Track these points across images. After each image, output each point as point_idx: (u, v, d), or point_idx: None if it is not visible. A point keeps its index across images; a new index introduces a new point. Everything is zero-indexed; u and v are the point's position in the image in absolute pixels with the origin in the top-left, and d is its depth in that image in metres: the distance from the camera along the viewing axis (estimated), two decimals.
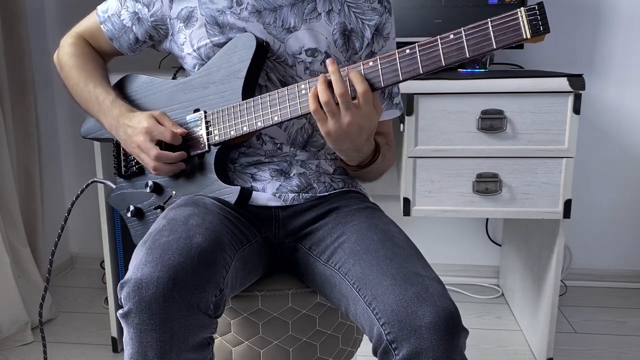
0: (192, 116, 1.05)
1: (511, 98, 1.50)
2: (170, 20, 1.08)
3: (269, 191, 1.07)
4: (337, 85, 0.88)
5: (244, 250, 0.97)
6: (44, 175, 2.18)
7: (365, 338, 0.94)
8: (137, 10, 1.09)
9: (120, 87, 1.15)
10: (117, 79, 1.16)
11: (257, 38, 1.00)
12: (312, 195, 1.09)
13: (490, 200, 1.56)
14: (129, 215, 1.11)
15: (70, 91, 1.15)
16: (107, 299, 1.83)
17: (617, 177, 2.17)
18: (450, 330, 0.80)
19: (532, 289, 1.81)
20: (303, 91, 0.94)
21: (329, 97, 0.89)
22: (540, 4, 0.79)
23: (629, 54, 2.06)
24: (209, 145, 1.03)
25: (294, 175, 1.09)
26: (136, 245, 0.90)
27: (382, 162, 1.07)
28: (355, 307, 0.90)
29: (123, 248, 1.74)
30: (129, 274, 0.82)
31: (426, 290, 0.84)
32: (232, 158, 1.09)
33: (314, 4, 1.05)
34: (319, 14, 1.06)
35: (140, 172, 1.12)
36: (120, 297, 0.82)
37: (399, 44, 1.08)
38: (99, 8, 1.14)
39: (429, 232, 2.26)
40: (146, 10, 1.09)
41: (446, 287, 0.87)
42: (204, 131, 1.04)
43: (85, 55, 1.14)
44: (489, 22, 0.82)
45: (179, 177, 1.07)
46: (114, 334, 1.78)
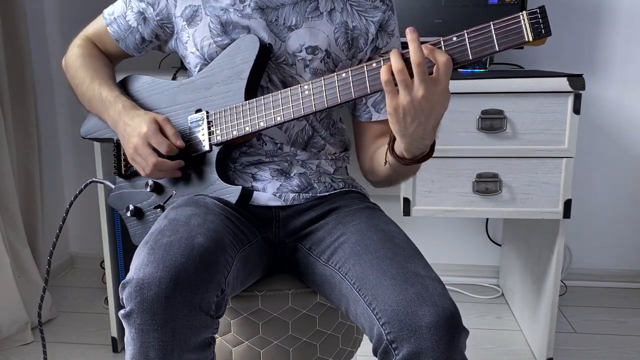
0: (194, 116, 1.05)
1: (511, 98, 1.51)
2: (175, 18, 1.08)
3: (269, 191, 1.07)
4: (415, 54, 0.80)
5: (244, 250, 0.97)
6: (44, 175, 2.18)
7: (365, 338, 0.94)
8: (142, 10, 1.09)
9: (122, 88, 1.15)
10: (118, 79, 1.16)
11: (260, 40, 1.01)
12: (313, 195, 1.09)
13: (490, 200, 1.56)
14: (129, 214, 1.11)
15: (75, 91, 1.15)
16: (107, 299, 1.83)
17: (617, 177, 2.17)
18: (451, 330, 0.81)
19: (532, 289, 1.81)
20: (306, 92, 0.95)
21: (403, 66, 0.81)
22: (542, 8, 0.80)
23: (629, 54, 2.06)
24: (210, 145, 1.03)
25: (294, 175, 1.09)
26: (135, 245, 0.90)
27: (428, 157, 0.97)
28: (355, 307, 0.90)
29: (123, 248, 1.74)
30: (130, 274, 0.82)
31: (426, 290, 0.84)
32: (233, 158, 1.09)
33: (316, 3, 1.06)
34: (321, 13, 1.06)
35: None
36: (122, 298, 0.82)
37: (401, 45, 1.09)
38: (105, 11, 1.15)
39: (429, 232, 2.26)
40: (151, 9, 1.09)
41: (446, 287, 0.87)
42: (205, 131, 1.04)
43: (92, 55, 1.15)
44: (492, 25, 0.82)
45: (179, 177, 1.07)
46: (114, 334, 1.78)
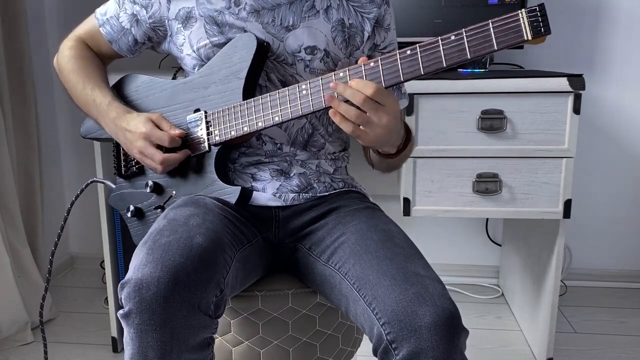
0: (192, 116, 1.05)
1: (511, 98, 1.50)
2: (168, 21, 1.08)
3: (269, 191, 1.07)
4: (355, 98, 0.87)
5: (244, 250, 0.97)
6: (44, 175, 2.18)
7: (365, 338, 0.94)
8: (135, 12, 1.09)
9: (120, 87, 1.15)
10: (117, 78, 1.16)
11: (257, 38, 1.00)
12: (312, 195, 1.09)
13: (490, 200, 1.56)
14: (129, 215, 1.11)
15: (69, 92, 1.15)
16: (107, 299, 1.83)
17: (617, 177, 2.17)
18: (451, 330, 0.81)
19: (532, 289, 1.81)
20: (304, 91, 0.94)
21: (355, 111, 0.88)
22: (542, 6, 0.79)
23: (629, 54, 2.06)
24: (209, 145, 1.03)
25: (294, 175, 1.09)
26: (136, 245, 0.90)
27: (412, 142, 1.07)
28: (355, 307, 0.90)
29: (123, 248, 1.74)
30: (129, 274, 0.82)
31: (426, 290, 0.84)
32: (232, 158, 1.09)
33: (312, 1, 1.05)
34: (317, 12, 1.05)
35: (140, 172, 1.12)
36: (121, 298, 0.82)
37: (399, 45, 1.09)
38: (98, 11, 1.14)
39: (429, 232, 2.26)
40: (144, 12, 1.08)
41: (446, 287, 0.87)
42: (204, 131, 1.04)
43: (83, 58, 1.14)
44: (490, 23, 0.82)
45: (179, 177, 1.07)
46: (114, 334, 1.78)
